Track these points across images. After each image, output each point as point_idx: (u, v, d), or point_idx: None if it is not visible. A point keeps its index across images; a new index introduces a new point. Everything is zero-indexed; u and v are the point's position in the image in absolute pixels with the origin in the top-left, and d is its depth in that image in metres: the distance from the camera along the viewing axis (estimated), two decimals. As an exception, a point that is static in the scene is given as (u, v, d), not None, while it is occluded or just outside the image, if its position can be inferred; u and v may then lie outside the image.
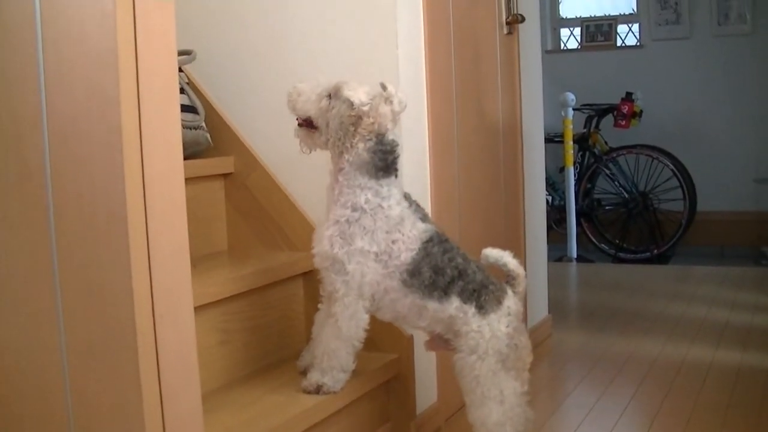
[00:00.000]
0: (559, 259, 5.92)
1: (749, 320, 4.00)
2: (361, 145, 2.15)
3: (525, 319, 3.42)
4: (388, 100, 2.14)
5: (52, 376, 1.62)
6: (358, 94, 2.14)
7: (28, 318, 1.63)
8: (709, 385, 3.09)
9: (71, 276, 1.58)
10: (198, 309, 2.20)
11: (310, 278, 2.64)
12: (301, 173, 2.68)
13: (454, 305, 2.17)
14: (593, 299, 4.73)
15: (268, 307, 2.53)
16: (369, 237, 2.16)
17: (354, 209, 2.17)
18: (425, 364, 2.67)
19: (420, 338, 2.62)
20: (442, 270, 2.17)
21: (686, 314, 4.16)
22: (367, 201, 2.16)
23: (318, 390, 2.24)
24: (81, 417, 1.61)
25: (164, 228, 1.59)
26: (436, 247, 2.18)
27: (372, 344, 2.55)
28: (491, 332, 2.16)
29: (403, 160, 2.53)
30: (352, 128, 2.14)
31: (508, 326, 2.18)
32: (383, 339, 2.57)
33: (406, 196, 2.23)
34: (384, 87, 2.14)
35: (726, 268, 5.44)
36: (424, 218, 2.22)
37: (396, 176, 2.20)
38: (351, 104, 2.13)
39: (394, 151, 2.18)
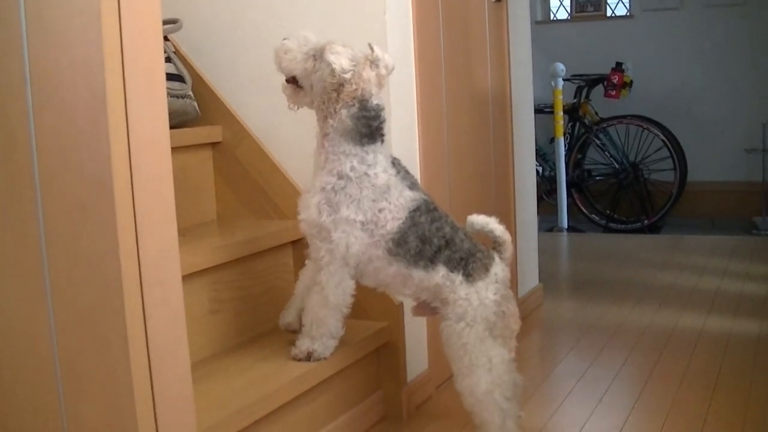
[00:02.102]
0: (550, 230, 5.93)
1: (740, 289, 4.01)
2: (344, 111, 2.13)
3: (515, 288, 3.43)
4: (373, 63, 2.12)
5: (41, 345, 1.61)
6: (341, 60, 2.10)
7: (16, 287, 1.62)
8: (700, 352, 3.10)
9: (58, 244, 1.57)
10: (187, 278, 2.20)
11: (300, 246, 2.63)
12: (290, 142, 2.67)
13: (440, 274, 2.17)
14: (584, 269, 4.74)
15: (258, 276, 2.53)
16: (355, 206, 2.15)
17: (340, 177, 2.15)
18: (416, 332, 2.67)
19: (410, 306, 2.62)
20: (429, 239, 2.16)
21: (677, 283, 4.17)
22: (352, 168, 2.15)
23: (308, 357, 2.24)
24: (70, 385, 1.61)
25: (150, 195, 1.58)
26: (423, 216, 2.16)
27: (362, 312, 2.56)
28: (479, 300, 2.15)
29: (392, 130, 2.53)
30: (334, 94, 2.12)
31: (495, 293, 2.18)
32: (373, 307, 2.57)
33: (395, 163, 2.21)
34: (371, 49, 2.13)
35: (717, 237, 5.45)
36: (412, 186, 2.20)
37: (382, 142, 2.18)
38: (332, 70, 2.10)
39: (379, 116, 2.16)
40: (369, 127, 2.15)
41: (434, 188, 2.77)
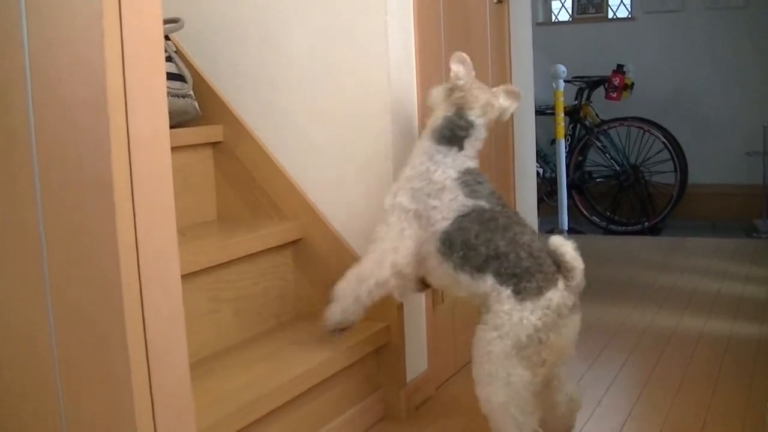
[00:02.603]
0: (551, 231, 5.91)
1: (740, 291, 4.01)
2: (441, 113, 2.30)
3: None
4: (494, 94, 2.34)
5: (40, 344, 1.61)
6: (459, 68, 2.32)
7: (15, 286, 1.62)
8: (700, 354, 3.10)
9: (57, 243, 1.57)
10: (188, 277, 2.21)
11: (300, 247, 2.64)
12: (291, 142, 2.67)
13: (488, 283, 2.15)
14: (584, 270, 4.71)
15: (258, 276, 2.53)
16: (410, 194, 2.26)
17: (411, 167, 2.31)
18: (415, 332, 2.67)
19: (410, 307, 2.62)
20: (474, 247, 2.16)
21: (677, 285, 4.17)
22: (421, 162, 2.29)
23: (336, 326, 2.35)
24: (69, 383, 1.61)
25: (150, 194, 1.58)
26: (473, 224, 2.18)
27: (362, 313, 2.56)
28: (519, 319, 2.10)
29: (392, 131, 2.54)
30: (446, 96, 2.33)
31: (540, 319, 2.11)
32: (373, 307, 2.57)
33: (468, 172, 2.28)
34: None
35: (718, 239, 5.45)
36: (470, 194, 2.24)
37: (459, 150, 2.28)
38: (453, 75, 2.31)
39: (467, 130, 2.30)
40: (452, 132, 2.28)
41: (434, 189, 2.77)
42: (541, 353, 2.14)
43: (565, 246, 2.19)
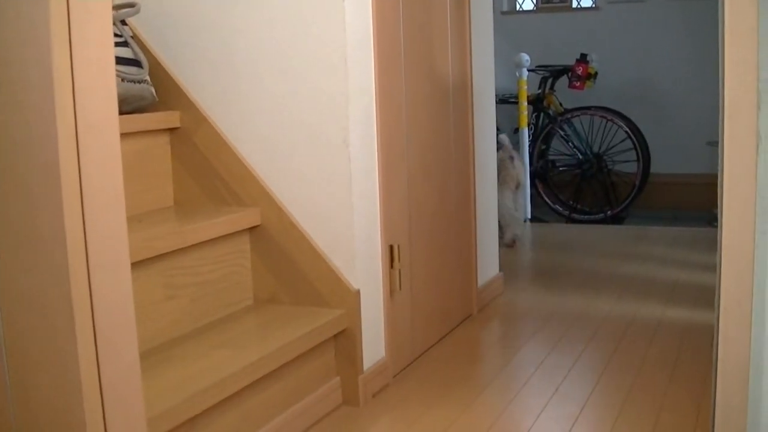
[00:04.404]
0: (514, 220, 5.94)
1: (699, 279, 4.04)
2: None
3: (474, 276, 3.43)
4: None
5: (-12, 330, 1.60)
6: None
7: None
8: (658, 341, 3.12)
9: (5, 227, 1.55)
10: (144, 263, 2.20)
11: (257, 233, 2.63)
12: (248, 128, 2.65)
13: None
14: (546, 259, 4.75)
15: (215, 262, 2.51)
16: None
17: None
18: (373, 320, 2.67)
19: (367, 294, 2.62)
20: None
21: (638, 273, 4.19)
22: None
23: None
24: (17, 371, 1.59)
25: (98, 178, 1.56)
26: None
27: (319, 299, 2.56)
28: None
29: (349, 116, 2.52)
30: None
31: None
32: (330, 294, 2.57)
33: None
34: None
35: (679, 229, 5.49)
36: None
37: None
38: None
39: None
40: None
41: (393, 174, 2.76)
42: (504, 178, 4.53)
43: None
